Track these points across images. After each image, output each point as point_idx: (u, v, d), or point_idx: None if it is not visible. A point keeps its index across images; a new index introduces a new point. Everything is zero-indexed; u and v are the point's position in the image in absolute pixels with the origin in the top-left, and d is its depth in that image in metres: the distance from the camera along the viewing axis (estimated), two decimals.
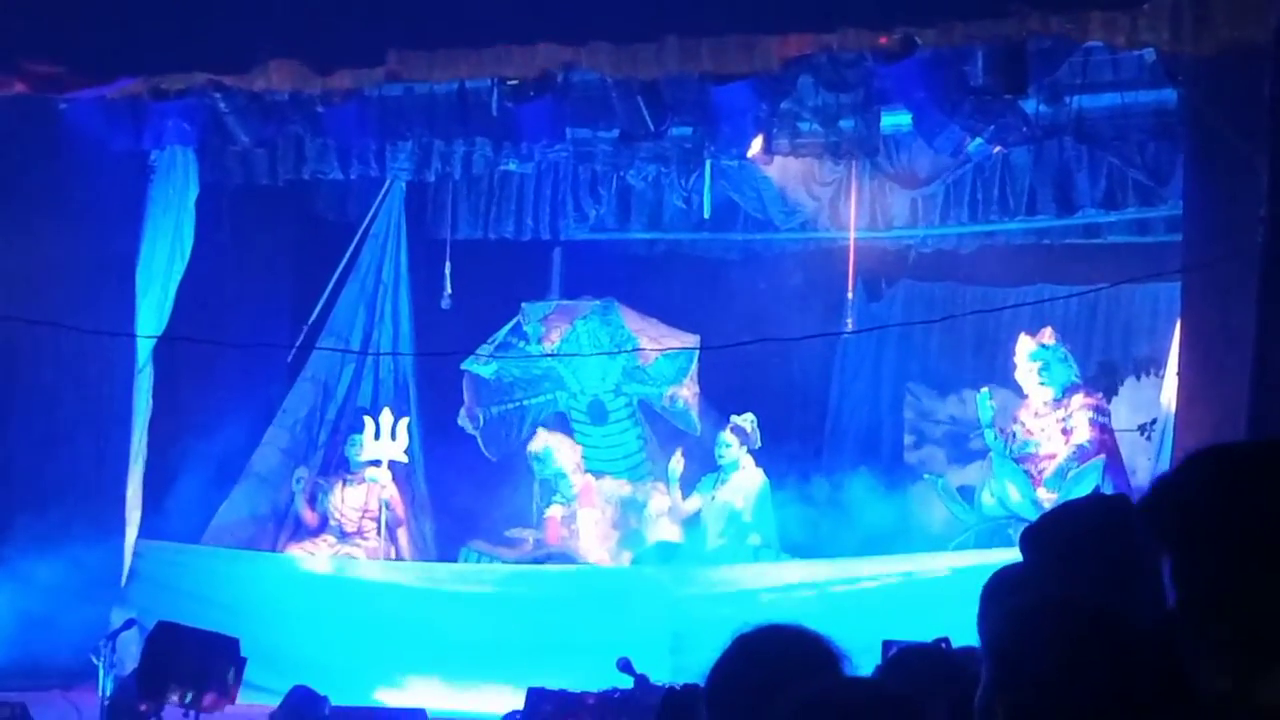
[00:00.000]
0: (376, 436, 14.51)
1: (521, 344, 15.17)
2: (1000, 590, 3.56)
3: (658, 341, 14.84)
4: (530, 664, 11.85)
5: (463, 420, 15.15)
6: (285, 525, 14.89)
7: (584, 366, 15.10)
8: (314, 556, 14.18)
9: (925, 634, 5.21)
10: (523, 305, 15.27)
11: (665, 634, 11.84)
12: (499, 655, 12.57)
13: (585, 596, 13.11)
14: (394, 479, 14.52)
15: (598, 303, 15.06)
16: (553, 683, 10.61)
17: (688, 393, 14.88)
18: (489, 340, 15.13)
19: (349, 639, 13.01)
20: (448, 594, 13.33)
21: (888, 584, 12.30)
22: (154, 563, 13.57)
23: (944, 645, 4.62)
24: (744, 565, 13.31)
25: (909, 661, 4.19)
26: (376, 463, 14.49)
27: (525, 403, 15.45)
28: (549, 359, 15.10)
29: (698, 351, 14.64)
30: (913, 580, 12.23)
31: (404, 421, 14.62)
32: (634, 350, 14.79)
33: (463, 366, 15.08)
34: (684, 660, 10.79)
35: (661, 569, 13.51)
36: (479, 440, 15.22)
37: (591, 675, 10.64)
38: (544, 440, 14.75)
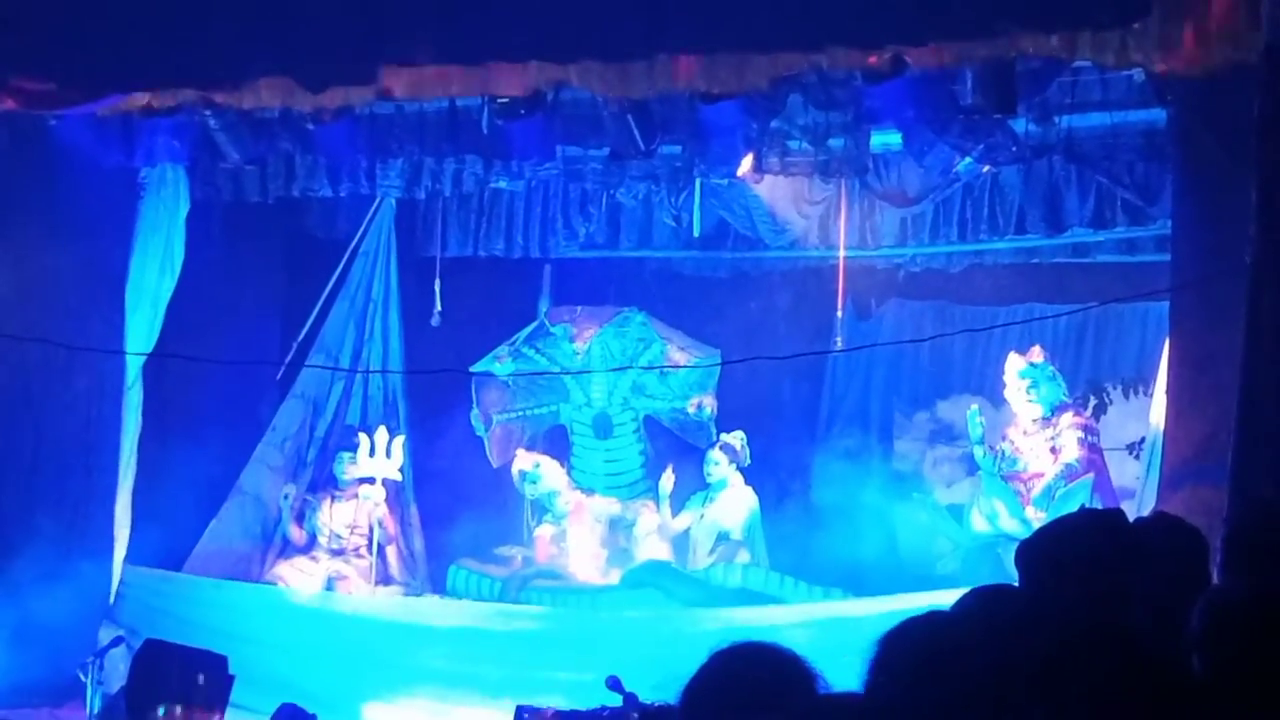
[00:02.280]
0: (371, 453, 14.51)
1: (542, 348, 15.14)
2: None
3: (685, 351, 14.87)
4: (518, 683, 11.83)
5: (475, 422, 15.14)
6: (274, 543, 14.87)
7: (591, 378, 15.09)
8: (302, 581, 14.14)
9: None
10: (543, 310, 15.30)
11: (651, 669, 11.80)
12: (486, 680, 12.56)
13: (571, 631, 13.08)
14: (385, 497, 14.53)
15: (621, 311, 15.08)
16: (540, 702, 10.58)
17: (711, 402, 14.88)
18: (509, 342, 15.14)
19: (336, 667, 13.00)
20: (432, 627, 13.31)
21: (886, 621, 12.22)
22: (142, 589, 13.56)
23: None
24: (737, 608, 13.17)
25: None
26: (370, 480, 14.49)
27: (527, 413, 15.44)
28: (559, 372, 15.08)
29: (719, 364, 14.65)
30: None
31: (399, 439, 14.62)
32: (661, 367, 14.80)
33: (477, 368, 15.05)
34: (674, 682, 10.77)
35: (650, 603, 13.46)
36: (486, 445, 15.21)
37: (580, 694, 10.63)
38: (530, 459, 14.74)
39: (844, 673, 3.86)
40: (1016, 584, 4.22)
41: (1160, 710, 3.54)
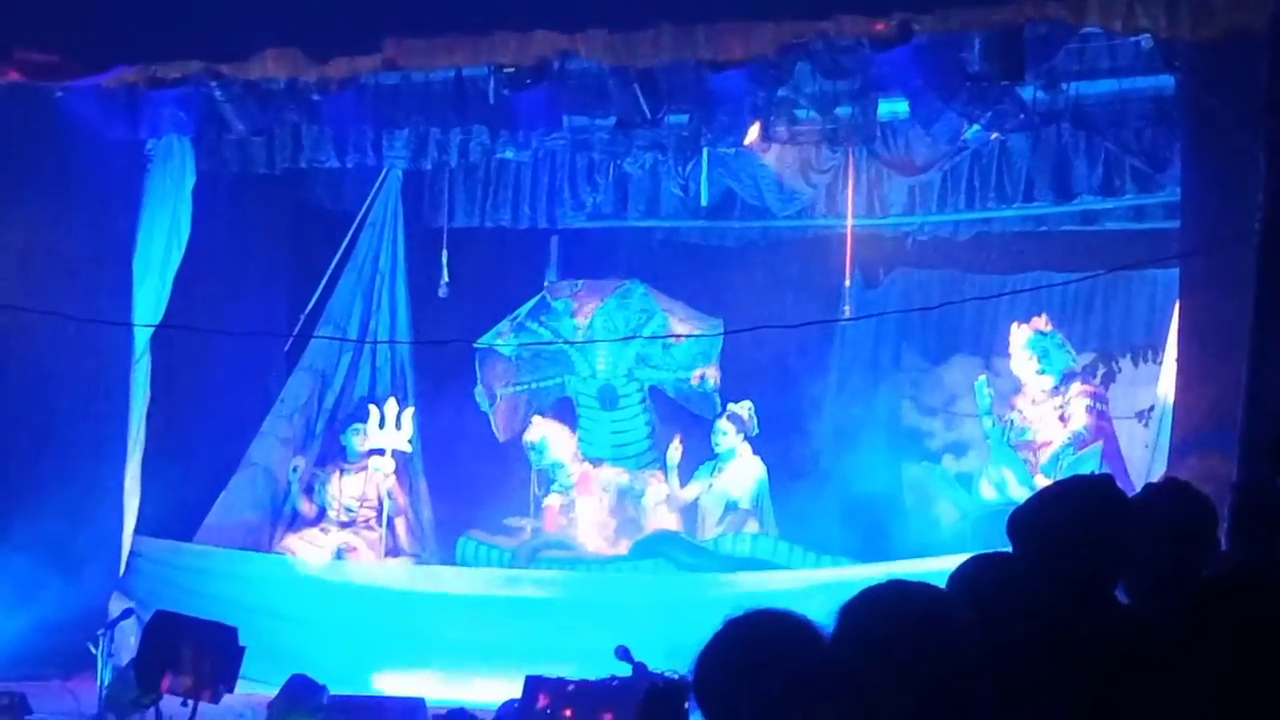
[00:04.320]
0: (382, 425, 14.53)
1: (545, 321, 15.14)
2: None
3: (686, 323, 14.85)
4: (528, 653, 11.85)
5: (479, 398, 15.13)
6: (283, 515, 14.89)
7: (596, 350, 15.08)
8: (311, 553, 14.16)
9: None
10: (546, 283, 15.29)
11: (662, 635, 11.85)
12: (497, 645, 12.57)
13: (583, 596, 13.11)
14: (394, 468, 14.54)
15: (624, 283, 15.07)
16: (550, 671, 10.60)
17: (714, 374, 14.87)
18: (510, 317, 15.13)
19: (346, 636, 13.03)
20: (443, 594, 13.34)
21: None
22: (152, 560, 13.60)
23: None
24: (746, 572, 13.21)
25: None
26: (380, 451, 14.50)
27: (533, 386, 15.43)
28: (561, 342, 15.08)
29: (722, 335, 14.62)
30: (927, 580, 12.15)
31: (409, 411, 14.63)
32: (664, 336, 14.78)
33: (480, 344, 15.04)
34: (683, 658, 10.79)
35: (659, 571, 13.48)
36: (491, 420, 15.21)
37: (590, 663, 10.65)
38: (540, 430, 14.73)
39: None
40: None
41: (1129, 685, 3.56)
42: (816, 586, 12.14)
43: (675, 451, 14.34)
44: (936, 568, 11.56)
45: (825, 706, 2.85)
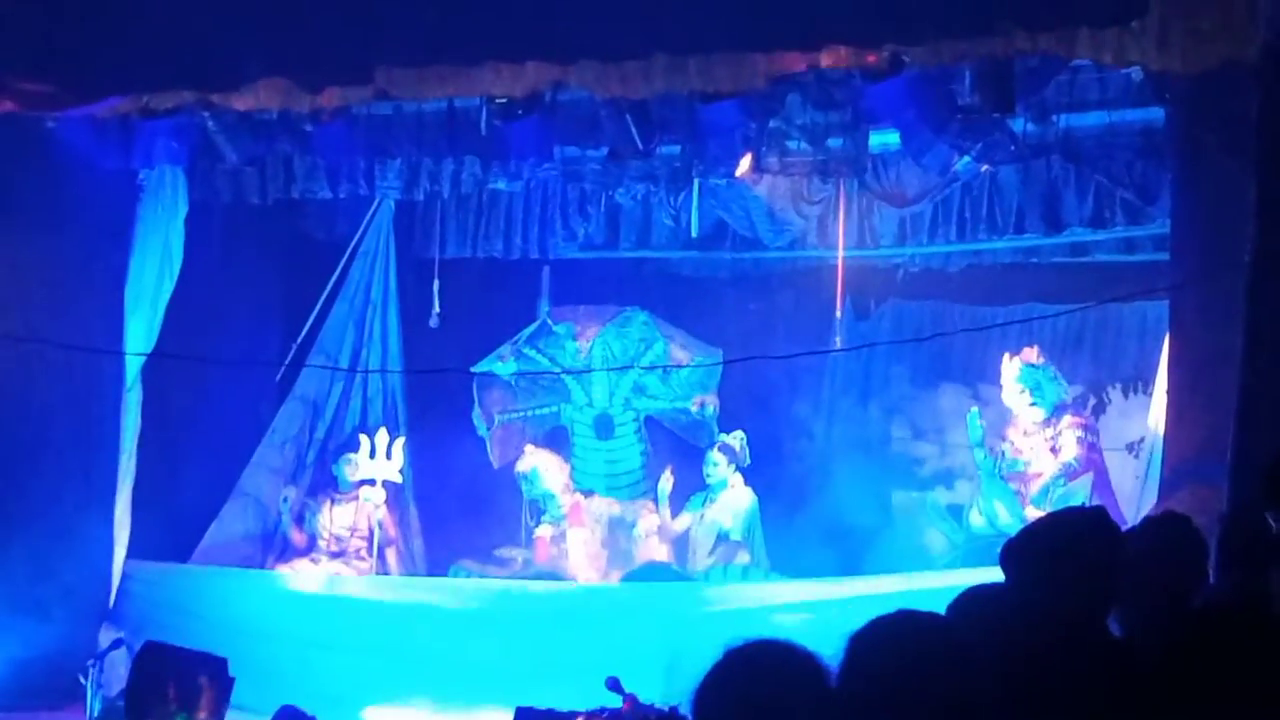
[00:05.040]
0: (372, 455, 14.53)
1: (543, 348, 15.14)
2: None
3: (687, 350, 14.87)
4: (518, 683, 11.82)
5: (477, 421, 15.13)
6: (274, 544, 14.87)
7: (593, 379, 15.08)
8: (303, 574, 14.14)
9: None
10: (543, 311, 15.30)
11: (656, 654, 11.83)
12: (487, 674, 12.55)
13: (575, 615, 13.09)
14: (385, 498, 14.53)
15: (624, 310, 15.08)
16: (541, 702, 10.57)
17: (714, 402, 14.88)
18: (511, 341, 15.14)
19: (337, 658, 12.99)
20: (436, 611, 13.31)
21: (882, 602, 12.21)
22: (142, 583, 13.57)
23: None
24: (735, 585, 13.29)
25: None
26: (371, 482, 14.50)
27: (529, 413, 15.43)
28: (560, 371, 15.08)
29: (722, 363, 14.64)
30: (905, 598, 12.18)
31: (399, 441, 14.63)
32: (663, 366, 14.80)
33: (479, 368, 15.04)
34: (676, 681, 10.77)
35: (651, 587, 13.49)
36: (488, 445, 15.20)
37: (580, 695, 10.62)
38: (531, 459, 14.73)
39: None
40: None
41: (1118, 714, 3.56)
42: (812, 603, 12.17)
43: (667, 482, 14.35)
44: (927, 585, 11.64)
45: None
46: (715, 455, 14.30)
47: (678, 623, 12.48)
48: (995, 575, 4.23)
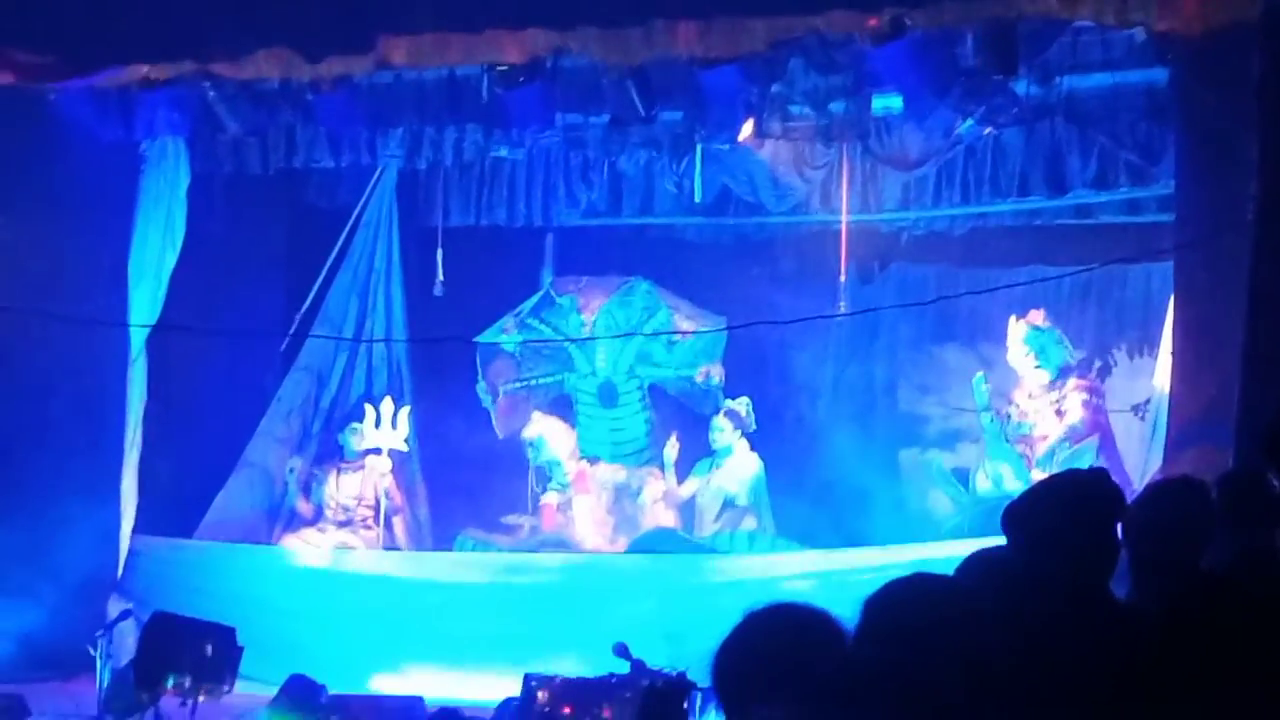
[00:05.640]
0: (378, 425, 14.53)
1: (547, 318, 15.14)
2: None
3: (691, 320, 14.86)
4: (526, 650, 11.86)
5: (481, 393, 15.13)
6: (281, 515, 14.89)
7: (596, 347, 15.08)
8: (309, 548, 14.17)
9: None
10: (546, 279, 15.29)
11: (661, 623, 11.85)
12: (495, 642, 12.58)
13: (581, 585, 13.13)
14: (391, 467, 14.54)
15: (628, 280, 15.07)
16: (549, 669, 10.61)
17: (719, 371, 14.88)
18: (514, 312, 15.13)
19: (345, 629, 13.04)
20: (443, 583, 13.34)
21: (887, 572, 12.22)
22: (150, 558, 13.60)
23: None
24: (742, 556, 13.29)
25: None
26: (377, 451, 14.50)
27: (532, 382, 15.43)
28: (563, 340, 15.07)
29: (726, 332, 14.63)
30: (911, 567, 12.16)
31: (405, 410, 14.63)
32: (669, 333, 14.79)
33: (483, 339, 15.04)
34: (680, 648, 10.81)
35: (657, 558, 13.51)
36: (492, 416, 15.21)
37: (588, 661, 10.66)
38: (538, 426, 14.74)
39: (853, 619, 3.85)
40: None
41: (1123, 679, 3.56)
42: (817, 573, 12.19)
43: (672, 449, 14.36)
44: (934, 555, 11.66)
45: (852, 704, 2.85)
46: (721, 421, 14.30)
47: (683, 592, 12.51)
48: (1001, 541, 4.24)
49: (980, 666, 2.99)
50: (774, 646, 3.18)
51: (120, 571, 13.46)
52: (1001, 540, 4.11)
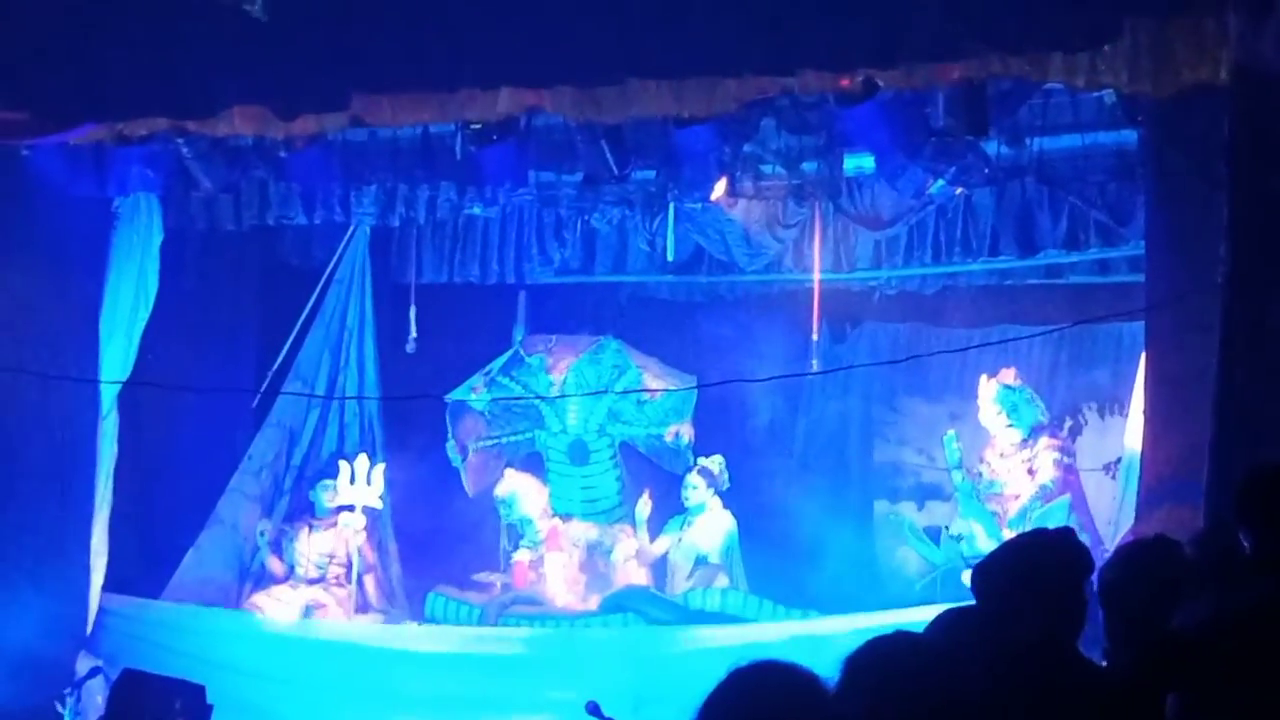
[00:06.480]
0: (352, 481, 14.48)
1: (516, 376, 15.13)
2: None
3: (660, 379, 14.87)
4: (498, 710, 11.82)
5: (451, 452, 15.11)
6: (251, 572, 14.83)
7: (567, 405, 15.07)
8: (280, 609, 14.09)
9: None
10: (517, 338, 15.30)
11: (632, 687, 11.82)
12: (466, 702, 12.54)
13: (552, 652, 13.08)
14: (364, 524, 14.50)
15: (598, 340, 15.08)
16: None
17: (688, 431, 14.88)
18: (483, 371, 15.12)
19: (314, 693, 12.97)
20: (414, 651, 13.30)
21: (861, 637, 12.20)
22: (119, 616, 13.53)
23: None
24: (715, 626, 13.21)
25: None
26: (350, 508, 14.45)
27: (503, 440, 15.42)
28: (534, 397, 15.06)
29: (695, 391, 14.64)
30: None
31: (380, 466, 14.60)
32: (638, 391, 14.79)
33: (453, 397, 15.03)
34: (652, 711, 10.80)
35: (628, 628, 13.45)
36: (462, 475, 15.18)
37: (563, 713, 10.62)
38: (510, 484, 14.72)
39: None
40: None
41: None
42: (788, 640, 12.14)
43: (644, 506, 14.34)
44: (907, 620, 11.63)
45: None
46: (694, 479, 14.30)
47: (654, 660, 12.46)
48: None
49: None
50: (758, 703, 3.18)
51: (89, 629, 13.39)
52: (970, 600, 4.12)
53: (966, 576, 4.19)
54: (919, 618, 11.79)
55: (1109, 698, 3.73)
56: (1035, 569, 3.99)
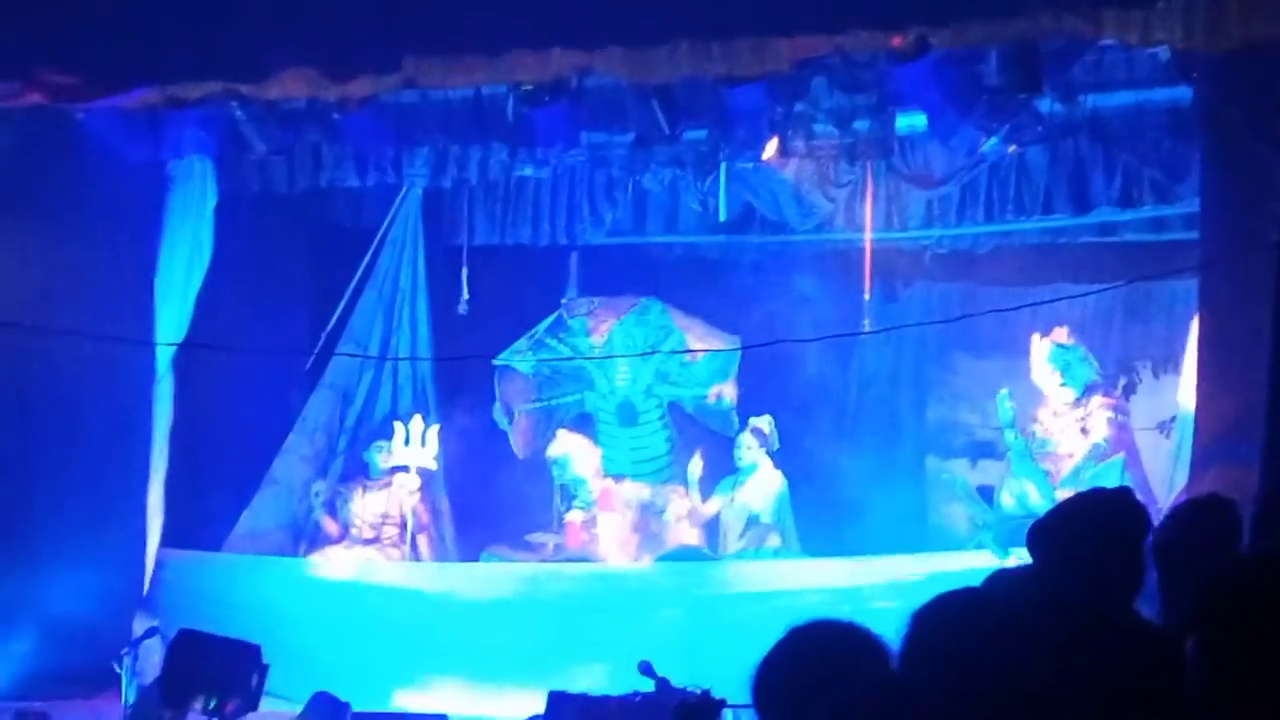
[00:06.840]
0: (407, 442, 14.55)
1: (563, 339, 15.17)
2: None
3: (703, 340, 14.87)
4: (551, 667, 11.87)
5: (497, 415, 15.16)
6: (305, 532, 14.93)
7: (615, 366, 15.09)
8: (334, 562, 14.20)
9: None
10: (563, 300, 15.32)
11: (685, 637, 11.86)
12: (520, 659, 12.60)
13: (605, 598, 13.14)
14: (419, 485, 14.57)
15: (640, 301, 15.09)
16: (574, 686, 10.61)
17: (731, 391, 14.89)
18: (529, 334, 15.16)
19: (370, 644, 13.07)
20: (466, 597, 13.37)
21: (907, 584, 12.27)
22: (176, 571, 13.65)
23: None
24: (763, 562, 13.30)
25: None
26: (404, 469, 14.52)
27: (552, 402, 15.45)
28: (579, 358, 15.10)
29: (739, 352, 14.64)
30: (933, 580, 12.18)
31: (434, 428, 14.66)
32: (681, 351, 14.80)
33: (499, 361, 15.07)
34: (703, 663, 10.81)
35: (680, 569, 13.52)
36: (510, 437, 15.23)
37: (613, 678, 10.66)
38: (563, 444, 14.76)
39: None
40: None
41: (1146, 700, 3.56)
42: (837, 588, 12.22)
43: (696, 466, 14.36)
44: (952, 566, 11.66)
45: None
46: (746, 438, 14.31)
47: (705, 603, 12.52)
48: (1021, 558, 4.24)
49: (1024, 685, 2.99)
50: (816, 663, 3.19)
51: (146, 588, 13.50)
52: (1026, 559, 4.12)
53: (1022, 534, 4.17)
54: (965, 564, 11.87)
55: (1167, 659, 3.72)
56: (1094, 529, 3.98)
